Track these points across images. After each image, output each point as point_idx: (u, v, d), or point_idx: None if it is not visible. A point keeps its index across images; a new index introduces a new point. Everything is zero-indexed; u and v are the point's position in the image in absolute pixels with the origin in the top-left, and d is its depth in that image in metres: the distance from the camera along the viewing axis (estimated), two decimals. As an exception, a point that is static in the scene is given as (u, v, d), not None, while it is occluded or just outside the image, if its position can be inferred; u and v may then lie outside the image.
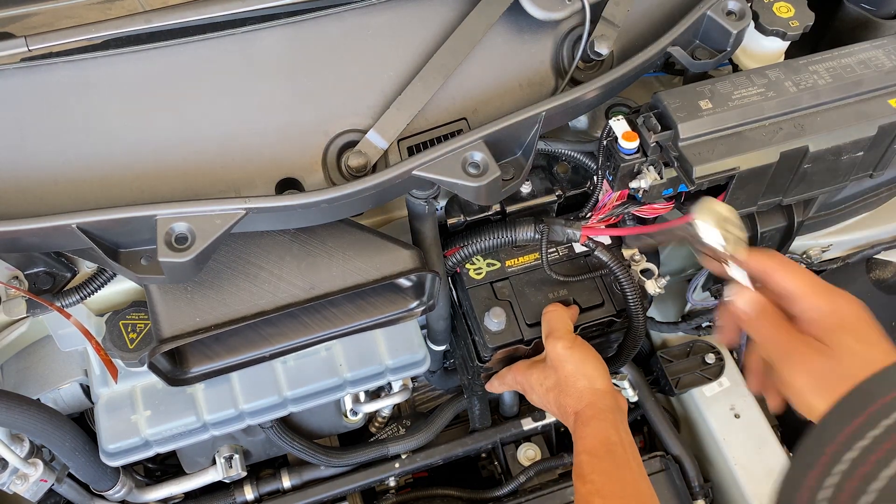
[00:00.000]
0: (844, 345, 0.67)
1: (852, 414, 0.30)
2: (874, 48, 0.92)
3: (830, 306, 0.70)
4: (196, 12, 0.79)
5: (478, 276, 1.05)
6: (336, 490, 1.26)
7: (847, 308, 0.70)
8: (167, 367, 0.90)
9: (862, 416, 0.30)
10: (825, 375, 0.66)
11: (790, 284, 0.72)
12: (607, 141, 0.90)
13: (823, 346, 0.67)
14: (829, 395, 0.61)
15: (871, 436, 0.29)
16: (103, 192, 0.78)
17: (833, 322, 0.69)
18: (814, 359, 0.67)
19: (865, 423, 0.30)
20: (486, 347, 1.01)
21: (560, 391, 0.94)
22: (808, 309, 0.70)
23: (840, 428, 0.30)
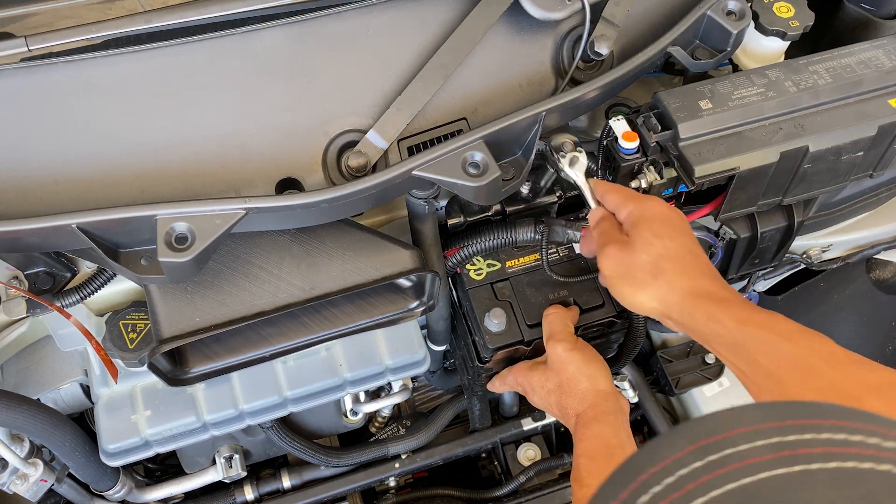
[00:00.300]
0: (641, 237, 0.79)
1: (625, 481, 0.33)
2: (874, 48, 0.92)
3: (639, 208, 0.81)
4: (196, 12, 0.79)
5: (478, 276, 1.04)
6: (336, 490, 1.26)
7: (652, 209, 0.81)
8: (167, 367, 0.90)
9: (634, 483, 0.32)
10: (621, 260, 0.79)
11: (615, 198, 0.84)
12: (607, 141, 0.90)
13: (625, 238, 0.80)
14: (626, 280, 0.79)
15: (639, 503, 0.31)
16: (103, 192, 0.78)
17: (636, 219, 0.80)
18: (615, 248, 0.80)
19: (637, 489, 0.32)
20: (487, 348, 1.01)
21: (562, 392, 0.94)
22: (625, 214, 0.82)
23: (614, 494, 0.32)
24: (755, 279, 1.24)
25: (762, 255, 1.09)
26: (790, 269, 1.29)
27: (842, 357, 0.65)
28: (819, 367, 0.64)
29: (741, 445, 0.32)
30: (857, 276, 1.32)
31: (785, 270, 1.28)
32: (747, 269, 1.13)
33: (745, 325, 0.71)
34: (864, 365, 0.63)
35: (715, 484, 0.31)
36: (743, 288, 1.27)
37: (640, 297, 0.79)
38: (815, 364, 0.65)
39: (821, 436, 0.32)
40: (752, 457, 0.31)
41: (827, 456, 0.31)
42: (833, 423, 0.33)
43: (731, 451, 0.32)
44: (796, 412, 0.33)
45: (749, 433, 0.33)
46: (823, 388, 0.63)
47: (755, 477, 0.31)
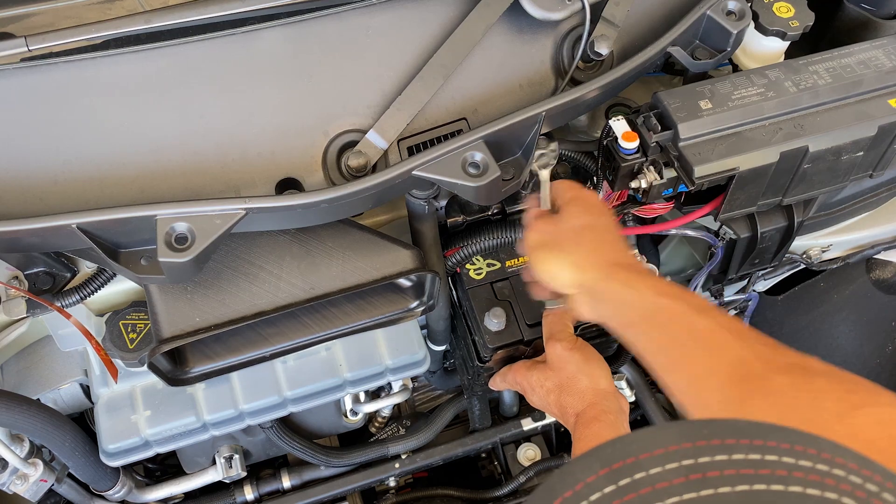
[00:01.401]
0: (568, 211, 0.84)
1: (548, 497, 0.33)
2: (874, 48, 0.92)
3: (571, 193, 0.86)
4: (196, 12, 0.79)
5: (478, 276, 1.04)
6: (336, 490, 1.26)
7: (582, 194, 0.87)
8: (167, 367, 0.90)
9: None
10: (546, 230, 0.84)
11: (558, 189, 0.89)
12: (607, 141, 0.90)
13: (554, 215, 0.86)
14: (548, 247, 0.82)
15: None
16: (103, 192, 0.78)
17: (566, 200, 0.86)
18: (542, 220, 0.86)
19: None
20: (486, 347, 1.01)
21: (561, 391, 0.94)
22: (565, 199, 0.87)
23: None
24: (755, 279, 1.24)
25: (762, 255, 1.09)
26: (790, 269, 1.29)
27: (749, 335, 0.65)
28: (729, 342, 0.65)
29: (653, 469, 0.32)
30: (857, 276, 1.32)
31: (785, 270, 1.28)
32: (747, 269, 1.13)
33: (660, 296, 0.72)
34: (772, 346, 0.64)
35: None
36: (743, 288, 1.27)
37: (556, 265, 0.82)
38: (725, 339, 0.65)
39: (733, 457, 0.32)
40: (662, 481, 0.31)
41: (737, 478, 0.31)
42: (748, 443, 0.32)
43: (641, 475, 0.32)
44: (712, 432, 0.33)
45: (661, 455, 0.32)
46: (732, 365, 0.63)
47: (664, 502, 0.31)
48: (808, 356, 0.61)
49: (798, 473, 0.31)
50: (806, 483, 0.30)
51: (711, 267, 1.12)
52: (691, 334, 0.68)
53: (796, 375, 0.59)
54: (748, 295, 1.30)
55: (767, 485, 0.31)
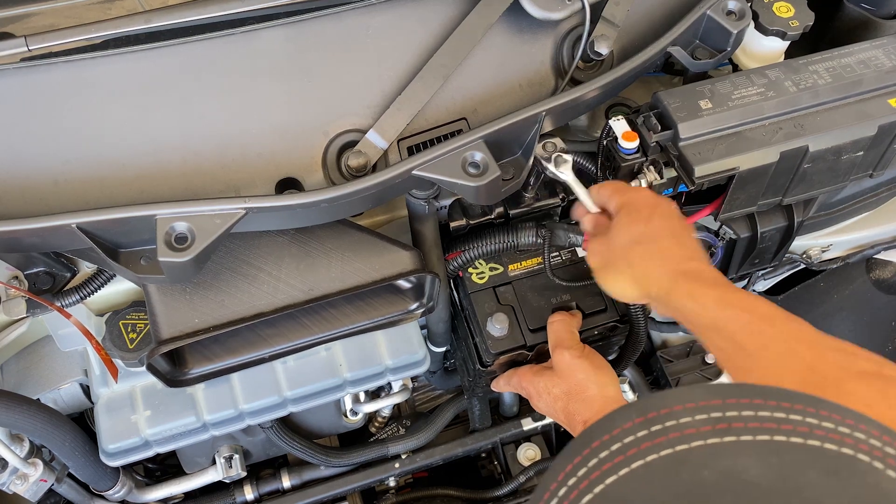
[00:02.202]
0: (618, 225, 0.81)
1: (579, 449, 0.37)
2: (874, 48, 0.92)
3: (622, 199, 0.83)
4: (196, 12, 0.79)
5: (480, 280, 1.04)
6: (336, 490, 1.26)
7: (632, 197, 0.82)
8: (166, 368, 0.90)
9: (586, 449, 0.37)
10: (600, 252, 0.83)
11: (604, 193, 0.86)
12: (607, 141, 0.90)
13: (601, 237, 0.83)
14: (607, 269, 0.81)
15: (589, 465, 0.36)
16: (103, 192, 0.78)
17: (616, 209, 0.83)
18: (595, 242, 0.84)
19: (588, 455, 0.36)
20: (489, 353, 1.01)
21: (569, 399, 0.94)
22: (611, 208, 0.84)
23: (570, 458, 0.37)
24: (755, 279, 1.24)
25: (762, 255, 1.09)
26: (790, 269, 1.29)
27: (820, 342, 0.65)
28: (800, 350, 0.64)
29: (683, 418, 0.35)
30: (857, 276, 1.32)
31: (785, 270, 1.28)
32: (747, 269, 1.13)
33: (724, 307, 0.71)
34: (845, 352, 0.63)
35: (653, 450, 0.34)
36: (743, 288, 1.27)
37: (619, 284, 0.80)
38: (795, 347, 0.65)
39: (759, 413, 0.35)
40: (690, 428, 0.35)
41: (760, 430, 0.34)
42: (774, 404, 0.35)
43: (673, 422, 0.35)
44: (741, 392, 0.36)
45: (693, 408, 0.36)
46: (803, 371, 0.63)
47: (689, 444, 0.34)
48: (885, 361, 0.60)
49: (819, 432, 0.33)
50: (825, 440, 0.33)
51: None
52: (760, 345, 0.67)
53: (870, 383, 0.58)
54: (748, 295, 1.30)
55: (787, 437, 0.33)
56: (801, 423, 0.34)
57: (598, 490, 0.34)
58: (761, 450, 0.33)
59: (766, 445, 0.33)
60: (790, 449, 0.33)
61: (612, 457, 0.35)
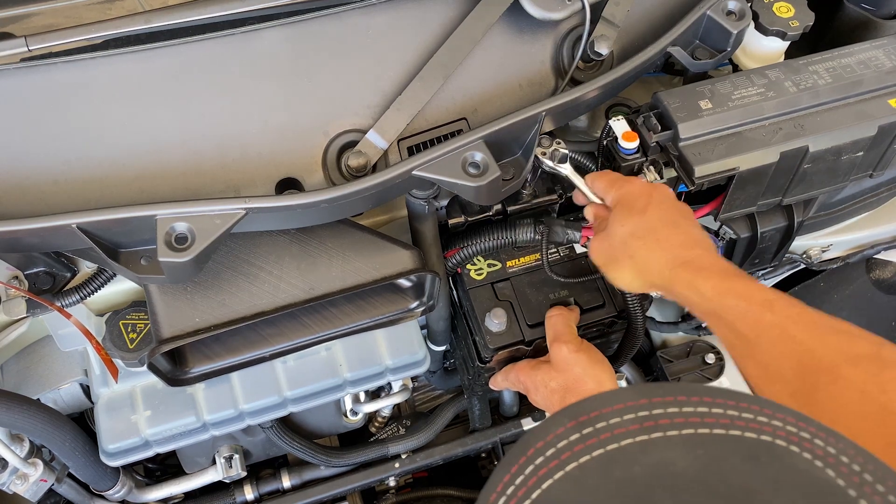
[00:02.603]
0: (615, 220, 0.82)
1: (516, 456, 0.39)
2: (874, 48, 0.92)
3: (618, 193, 0.84)
4: (196, 12, 0.79)
5: (478, 276, 1.04)
6: (336, 490, 1.26)
7: (627, 189, 0.83)
8: (167, 367, 0.90)
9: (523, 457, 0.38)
10: (602, 249, 0.84)
11: (601, 186, 0.87)
12: (607, 141, 0.90)
13: (602, 233, 0.84)
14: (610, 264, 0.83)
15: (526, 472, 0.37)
16: (103, 192, 0.78)
17: (614, 203, 0.84)
18: (596, 240, 0.85)
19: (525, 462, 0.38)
20: (487, 348, 1.01)
21: (566, 392, 0.94)
22: (609, 201, 0.86)
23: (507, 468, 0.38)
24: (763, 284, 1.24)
25: (762, 255, 1.09)
26: (790, 269, 1.29)
27: (821, 324, 0.66)
28: (797, 335, 0.65)
29: (613, 419, 0.37)
30: (857, 276, 1.32)
31: (785, 270, 1.28)
32: (747, 269, 1.13)
33: (723, 295, 0.72)
34: (843, 333, 0.64)
35: (585, 451, 0.36)
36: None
37: (624, 277, 0.81)
38: (793, 332, 0.66)
39: (683, 409, 0.37)
40: (620, 427, 0.36)
41: (684, 424, 0.36)
42: (697, 399, 0.37)
43: (602, 423, 0.37)
44: (666, 391, 0.38)
45: (621, 409, 0.38)
46: (801, 357, 0.64)
47: (619, 443, 0.36)
48: (885, 342, 0.61)
49: (739, 422, 0.36)
50: (745, 429, 0.35)
51: (711, 267, 1.12)
52: (757, 332, 0.68)
53: (867, 365, 0.59)
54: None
55: (710, 429, 0.35)
56: (723, 416, 0.36)
57: (535, 495, 0.35)
58: (687, 443, 0.35)
59: (692, 438, 0.35)
60: (713, 440, 0.35)
61: (546, 462, 0.36)
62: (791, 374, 0.64)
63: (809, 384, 0.62)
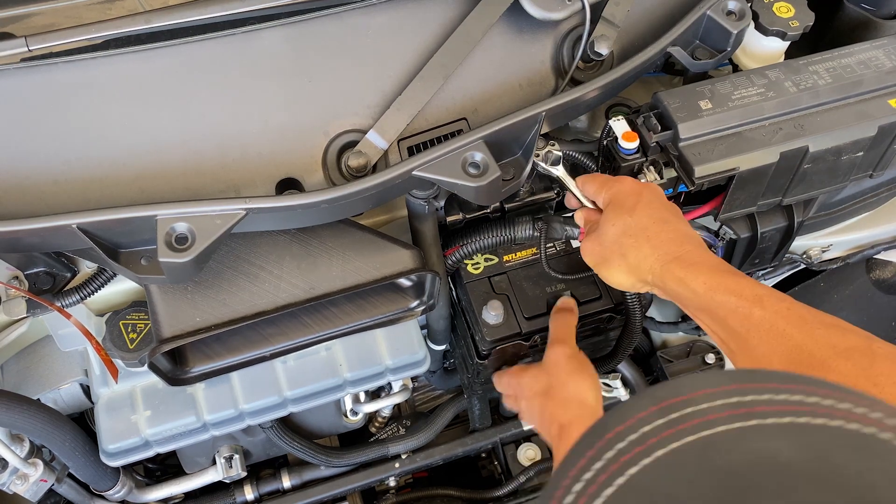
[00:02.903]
0: (606, 220, 0.82)
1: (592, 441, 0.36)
2: (874, 48, 0.92)
3: (608, 193, 0.84)
4: (196, 12, 0.79)
5: (475, 270, 1.05)
6: (336, 490, 1.26)
7: (617, 189, 0.83)
8: (167, 366, 0.90)
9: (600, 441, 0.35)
10: (593, 249, 0.83)
11: (591, 188, 0.87)
12: (607, 141, 0.90)
13: (593, 234, 0.84)
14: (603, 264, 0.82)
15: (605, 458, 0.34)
16: (103, 192, 0.78)
17: (605, 204, 0.83)
18: (588, 241, 0.84)
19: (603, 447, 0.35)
20: (485, 341, 1.01)
21: (547, 396, 0.94)
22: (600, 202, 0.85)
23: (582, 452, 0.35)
24: (755, 279, 1.24)
25: (762, 255, 1.09)
26: (790, 269, 1.29)
27: (810, 319, 0.66)
28: (787, 330, 0.65)
29: (702, 404, 0.34)
30: (857, 276, 1.32)
31: (785, 270, 1.28)
32: (747, 269, 1.13)
33: (713, 291, 0.72)
34: (832, 327, 0.64)
35: (675, 437, 0.33)
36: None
37: (618, 276, 0.82)
38: (783, 327, 0.66)
39: (777, 396, 0.34)
40: (711, 413, 0.34)
41: (781, 413, 0.33)
42: (791, 387, 0.35)
43: (691, 409, 0.34)
44: (757, 377, 0.36)
45: (710, 394, 0.35)
46: (791, 351, 0.64)
47: (712, 430, 0.33)
48: (874, 338, 0.61)
49: (838, 413, 0.33)
50: (847, 419, 0.33)
51: (711, 267, 1.12)
52: (749, 327, 0.69)
53: (858, 359, 0.59)
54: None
55: (811, 418, 0.33)
56: (819, 405, 0.34)
57: (619, 483, 0.33)
58: (788, 432, 0.32)
59: (792, 427, 0.33)
60: (816, 430, 0.33)
61: (630, 447, 0.34)
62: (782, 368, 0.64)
63: None
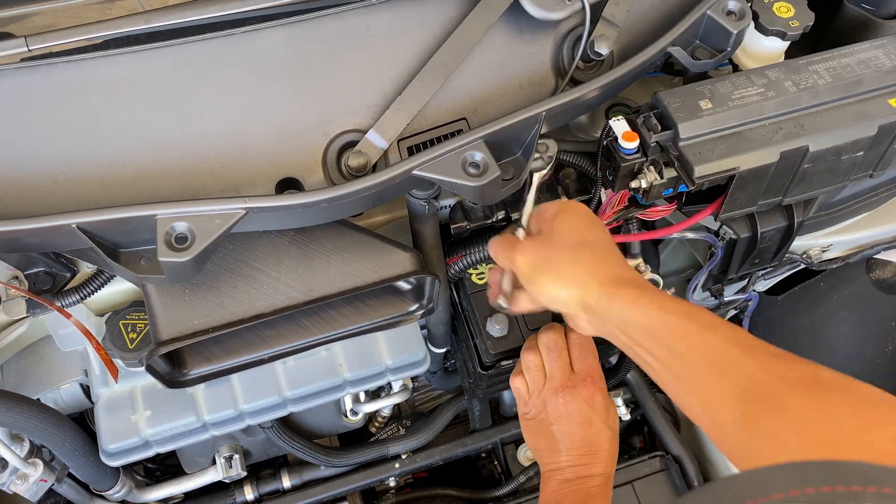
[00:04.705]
0: (559, 229, 0.80)
1: None
2: (874, 48, 0.92)
3: (556, 207, 0.83)
4: (196, 12, 0.79)
5: (480, 280, 1.04)
6: (336, 490, 1.26)
7: (567, 206, 0.83)
8: (165, 369, 0.90)
9: None
10: (538, 252, 0.80)
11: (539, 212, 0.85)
12: (607, 141, 0.90)
13: (540, 237, 0.82)
14: (545, 270, 0.78)
15: None
16: (103, 192, 0.78)
17: (553, 216, 0.82)
18: (531, 242, 0.82)
19: None
20: (489, 353, 1.01)
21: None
22: (547, 215, 0.83)
23: None
24: (755, 279, 1.24)
25: (762, 255, 1.09)
26: (790, 269, 1.29)
27: (763, 351, 0.64)
28: (738, 358, 0.64)
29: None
30: (857, 276, 1.32)
31: (785, 270, 1.28)
32: (747, 269, 1.13)
33: (666, 313, 0.70)
34: (783, 359, 0.63)
35: None
36: (743, 288, 1.27)
37: (557, 286, 0.78)
38: (736, 356, 0.64)
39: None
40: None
41: None
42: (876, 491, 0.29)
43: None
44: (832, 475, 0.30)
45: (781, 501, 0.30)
46: (742, 381, 0.62)
47: None
48: (820, 366, 0.60)
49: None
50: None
51: (711, 267, 1.12)
52: (699, 353, 0.67)
53: (810, 391, 0.58)
54: (748, 295, 1.30)
55: None
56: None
57: None
58: None
59: None
60: None
61: None
62: (731, 399, 0.62)
63: (753, 411, 0.60)
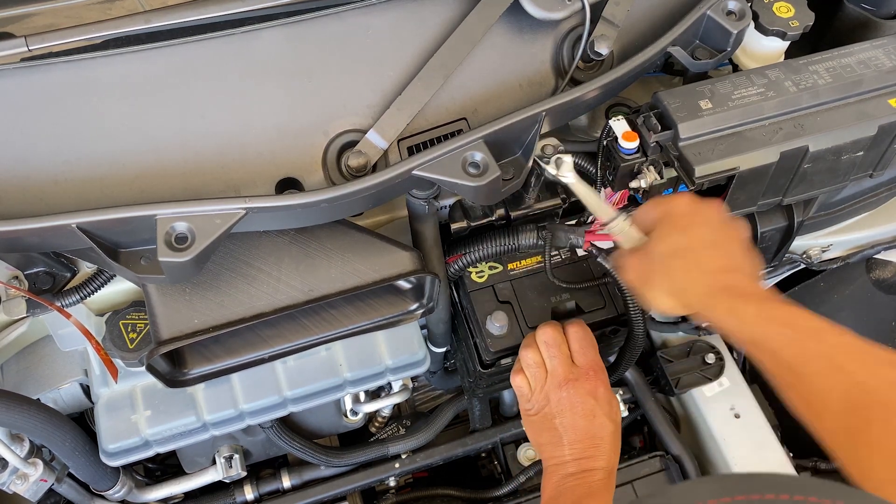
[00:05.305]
0: (655, 237, 0.78)
1: None
2: (874, 48, 0.92)
3: (660, 210, 0.80)
4: (196, 12, 0.79)
5: (479, 279, 1.04)
6: (336, 490, 1.26)
7: (671, 206, 0.79)
8: (165, 368, 0.90)
9: None
10: (636, 266, 0.79)
11: (648, 215, 0.82)
12: (607, 141, 0.90)
13: (645, 244, 0.79)
14: (645, 284, 0.77)
15: None
16: (103, 192, 0.78)
17: (654, 221, 0.79)
18: (630, 256, 0.80)
19: None
20: (488, 351, 1.01)
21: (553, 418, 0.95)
22: (651, 220, 0.80)
23: None
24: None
25: (762, 255, 1.09)
26: (790, 269, 1.29)
27: (873, 355, 0.62)
28: (847, 366, 0.62)
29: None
30: (857, 276, 1.32)
31: (785, 270, 1.28)
32: (747, 269, 1.13)
33: (765, 322, 0.69)
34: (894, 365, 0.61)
35: None
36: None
37: (660, 297, 0.77)
38: (842, 363, 0.62)
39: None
40: None
41: None
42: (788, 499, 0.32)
43: None
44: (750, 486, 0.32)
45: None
46: (850, 389, 0.60)
47: None
48: None
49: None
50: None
51: (711, 267, 1.12)
52: (803, 361, 0.65)
53: None
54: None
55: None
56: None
57: None
58: None
59: None
60: None
61: None
62: (839, 407, 0.60)
63: (862, 419, 0.58)
